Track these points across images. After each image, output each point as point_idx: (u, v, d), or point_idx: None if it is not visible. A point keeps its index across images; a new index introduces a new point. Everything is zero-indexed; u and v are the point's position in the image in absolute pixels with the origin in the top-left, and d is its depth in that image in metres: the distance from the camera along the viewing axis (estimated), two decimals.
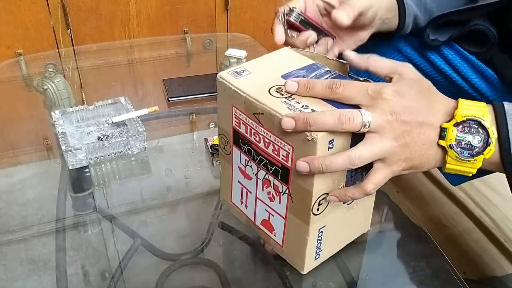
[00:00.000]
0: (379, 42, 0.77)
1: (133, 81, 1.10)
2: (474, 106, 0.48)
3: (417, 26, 0.76)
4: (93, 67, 1.10)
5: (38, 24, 1.21)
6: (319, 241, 0.54)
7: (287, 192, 0.52)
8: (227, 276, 0.59)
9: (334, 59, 0.57)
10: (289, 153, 0.49)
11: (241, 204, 0.61)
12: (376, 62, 0.52)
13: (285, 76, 0.53)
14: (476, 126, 0.47)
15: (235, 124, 0.55)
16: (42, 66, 1.07)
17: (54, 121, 0.79)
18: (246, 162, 0.56)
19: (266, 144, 0.51)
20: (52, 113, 0.80)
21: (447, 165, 0.49)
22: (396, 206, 0.70)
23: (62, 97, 0.84)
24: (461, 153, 0.48)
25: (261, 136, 0.52)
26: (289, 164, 0.50)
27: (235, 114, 0.54)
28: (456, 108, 0.48)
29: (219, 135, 0.59)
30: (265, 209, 0.57)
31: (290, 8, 0.63)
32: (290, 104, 0.49)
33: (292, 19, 0.63)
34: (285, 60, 0.57)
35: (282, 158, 0.50)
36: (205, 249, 0.63)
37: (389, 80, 0.51)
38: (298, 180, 0.50)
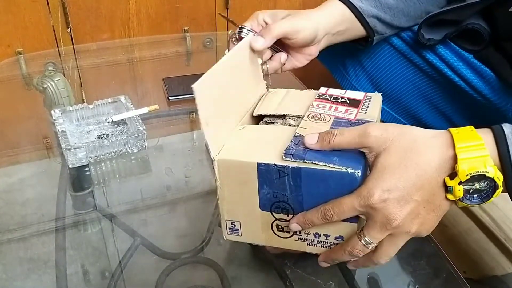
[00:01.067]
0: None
1: (133, 80, 1.10)
2: (473, 151, 0.46)
3: (390, 25, 0.77)
4: (93, 66, 1.10)
5: (37, 23, 1.20)
6: None
7: None
8: (227, 275, 0.59)
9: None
10: None
11: None
12: (340, 143, 0.49)
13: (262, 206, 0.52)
14: (481, 177, 0.46)
15: None
16: (42, 65, 1.07)
17: (54, 120, 0.79)
18: None
19: None
20: (52, 112, 0.80)
21: (459, 205, 0.49)
22: None
23: (62, 96, 0.84)
24: (471, 200, 0.47)
25: None
26: None
27: None
28: (455, 160, 0.46)
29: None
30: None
31: (240, 27, 0.67)
32: (304, 238, 0.53)
33: (243, 35, 0.67)
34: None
35: None
36: (205, 248, 0.63)
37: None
38: None
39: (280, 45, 0.70)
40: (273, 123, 0.59)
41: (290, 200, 0.51)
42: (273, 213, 0.53)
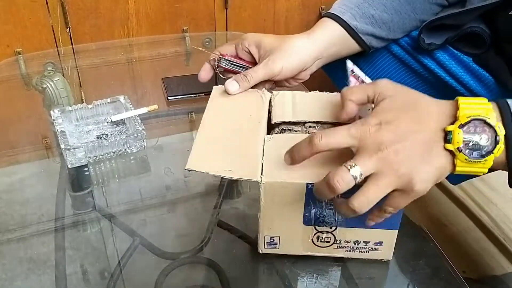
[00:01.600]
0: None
1: (132, 80, 1.10)
2: (476, 104, 0.47)
3: (386, 39, 0.77)
4: (92, 66, 1.10)
5: (37, 23, 1.20)
6: None
7: None
8: (227, 275, 0.59)
9: None
10: None
11: None
12: (352, 93, 0.51)
13: (306, 222, 0.54)
14: (482, 125, 0.46)
15: None
16: (41, 65, 1.07)
17: (53, 120, 0.79)
18: None
19: None
20: (51, 112, 0.80)
21: (457, 168, 0.46)
22: None
23: (61, 96, 0.84)
24: (470, 155, 0.46)
25: None
26: None
27: None
28: (457, 108, 0.47)
29: None
30: None
31: (219, 57, 0.73)
32: (344, 246, 0.56)
33: (222, 64, 0.74)
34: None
35: None
36: (204, 248, 0.63)
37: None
38: None
39: None
40: (290, 130, 0.60)
41: (335, 214, 0.53)
42: (316, 227, 0.54)
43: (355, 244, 0.56)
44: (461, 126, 0.45)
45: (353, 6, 0.74)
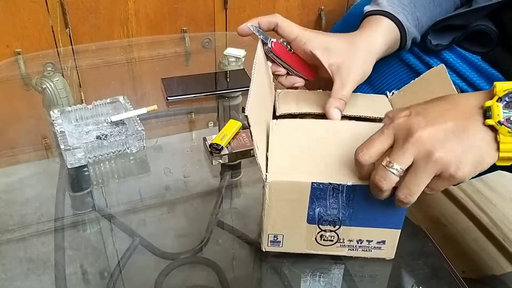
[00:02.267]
0: None
1: (132, 80, 1.10)
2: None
3: (416, 42, 0.77)
4: (92, 66, 1.10)
5: (36, 23, 1.20)
6: None
7: None
8: (226, 275, 0.59)
9: None
10: None
11: None
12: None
13: (310, 221, 0.54)
14: None
15: None
16: (41, 65, 1.07)
17: (53, 120, 0.79)
18: None
19: None
20: (51, 112, 0.80)
21: (502, 145, 0.44)
22: None
23: (60, 96, 0.84)
24: None
25: None
26: None
27: None
28: (494, 87, 0.45)
29: None
30: None
31: (263, 41, 0.65)
32: (347, 245, 0.56)
33: (266, 52, 0.66)
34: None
35: None
36: (204, 248, 0.63)
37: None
38: None
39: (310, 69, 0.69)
40: None
41: (339, 213, 0.53)
42: (320, 225, 0.54)
43: (358, 243, 0.56)
44: (499, 100, 0.44)
45: (402, 6, 0.71)
